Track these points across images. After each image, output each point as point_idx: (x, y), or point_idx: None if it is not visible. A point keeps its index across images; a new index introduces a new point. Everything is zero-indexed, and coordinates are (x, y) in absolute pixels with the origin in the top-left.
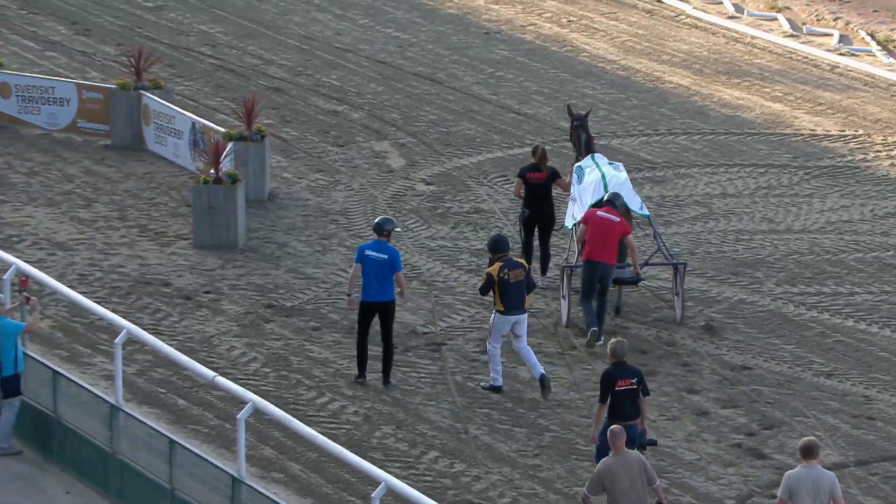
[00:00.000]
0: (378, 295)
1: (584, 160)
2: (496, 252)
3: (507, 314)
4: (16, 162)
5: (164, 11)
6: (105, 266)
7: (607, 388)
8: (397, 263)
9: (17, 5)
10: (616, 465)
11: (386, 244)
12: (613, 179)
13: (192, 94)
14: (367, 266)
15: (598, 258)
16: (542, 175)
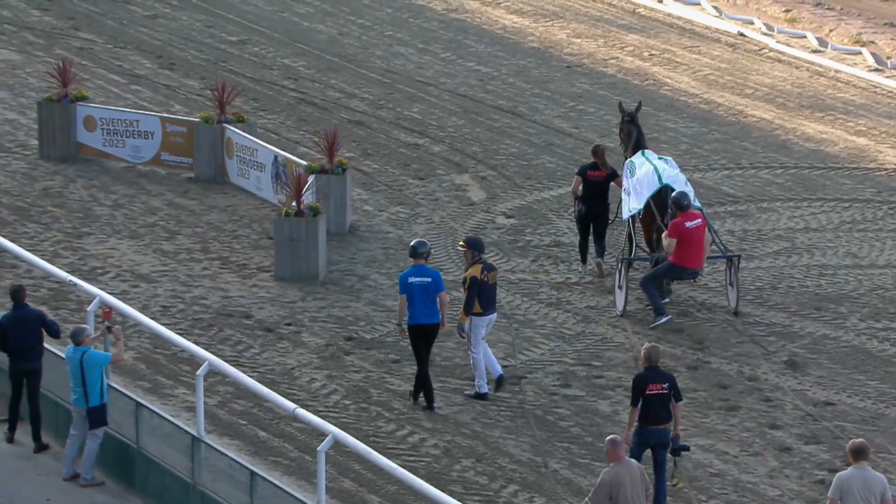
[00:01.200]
0: (426, 317)
1: (636, 156)
2: (479, 252)
3: (484, 315)
4: (100, 195)
5: (247, 45)
6: (187, 298)
7: (639, 392)
8: (441, 284)
9: (104, 39)
10: (621, 473)
11: (425, 267)
12: (666, 172)
13: (274, 128)
14: (414, 293)
15: (692, 265)
16: (602, 173)
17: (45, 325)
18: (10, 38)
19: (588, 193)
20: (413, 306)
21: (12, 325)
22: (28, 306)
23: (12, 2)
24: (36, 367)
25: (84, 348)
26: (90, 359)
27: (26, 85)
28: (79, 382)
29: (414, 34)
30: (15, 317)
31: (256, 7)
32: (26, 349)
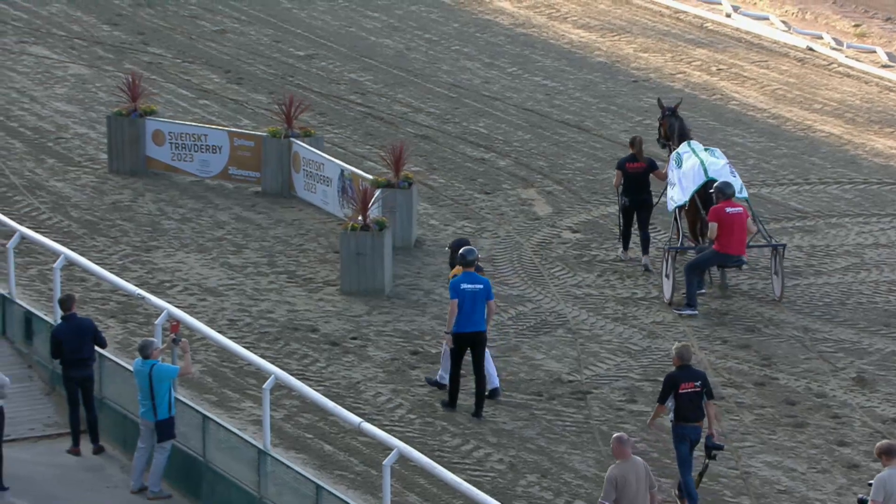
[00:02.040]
0: (473, 325)
1: (681, 146)
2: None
3: None
4: (168, 208)
5: (314, 60)
6: (254, 311)
7: (669, 390)
8: (490, 291)
9: (173, 54)
10: (627, 470)
11: (475, 274)
12: (713, 165)
13: (341, 142)
14: (465, 299)
15: (735, 251)
16: (640, 165)
17: (96, 336)
18: (80, 52)
19: (629, 185)
20: (460, 314)
21: (66, 336)
22: (78, 316)
23: (83, 17)
24: (90, 374)
25: (152, 361)
26: (158, 372)
27: (96, 99)
28: (147, 395)
29: (481, 49)
30: (68, 327)
31: (324, 22)
32: (81, 358)
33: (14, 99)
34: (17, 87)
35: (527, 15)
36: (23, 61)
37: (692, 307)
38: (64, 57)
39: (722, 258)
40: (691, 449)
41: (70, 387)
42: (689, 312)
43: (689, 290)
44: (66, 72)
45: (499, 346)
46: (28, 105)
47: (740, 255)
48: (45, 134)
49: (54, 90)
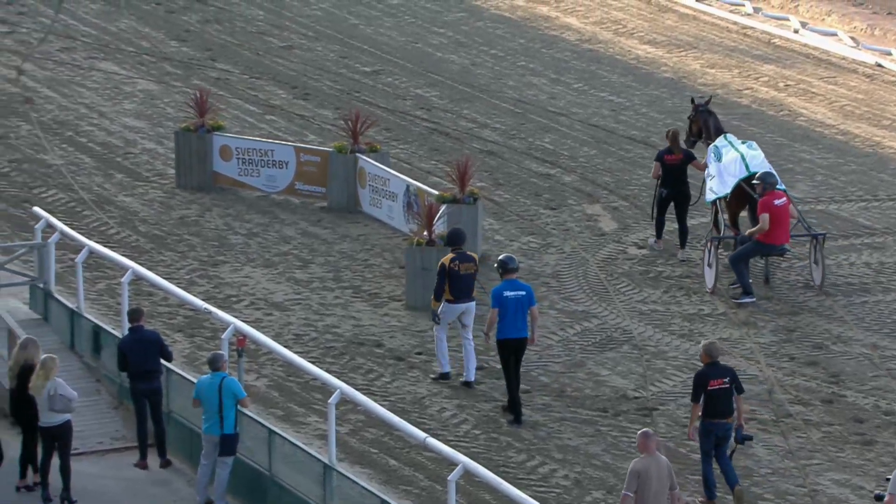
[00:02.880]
0: (516, 331)
1: (718, 139)
2: (453, 245)
3: (456, 302)
4: (235, 223)
5: (381, 76)
6: (320, 326)
7: (700, 388)
8: (533, 298)
9: (240, 70)
10: (650, 466)
11: (518, 281)
12: (753, 159)
13: (406, 157)
14: (508, 307)
15: (781, 241)
16: (677, 157)
17: (162, 349)
18: (148, 68)
19: (667, 177)
20: (504, 321)
21: (132, 348)
22: (145, 328)
23: (152, 33)
24: (157, 387)
25: (222, 374)
26: (229, 385)
27: (164, 115)
28: (215, 409)
29: (546, 64)
30: (134, 340)
31: (390, 38)
32: (148, 371)
33: (83, 114)
34: (87, 102)
35: (593, 31)
36: (92, 77)
37: (749, 294)
38: (133, 73)
39: (766, 249)
40: (716, 444)
41: (137, 400)
42: (747, 300)
43: (741, 280)
44: (134, 87)
45: (564, 361)
46: (97, 120)
47: (784, 245)
48: (113, 149)
49: (123, 106)
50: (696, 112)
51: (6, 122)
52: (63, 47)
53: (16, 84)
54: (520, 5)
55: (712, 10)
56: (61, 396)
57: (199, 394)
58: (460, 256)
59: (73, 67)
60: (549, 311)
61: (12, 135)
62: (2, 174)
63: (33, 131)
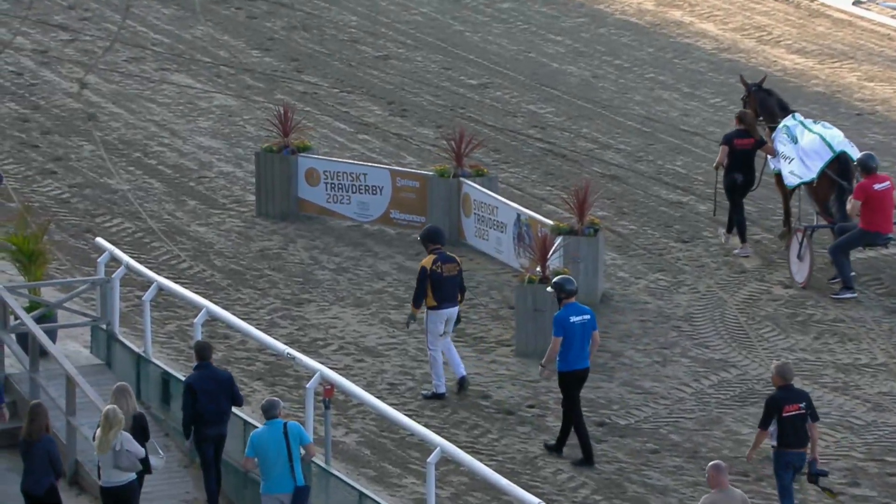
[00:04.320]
0: (583, 361)
1: (787, 119)
2: (432, 243)
3: (439, 308)
4: (322, 257)
5: (488, 90)
6: (418, 375)
7: (772, 414)
8: (595, 322)
9: (330, 83)
10: (722, 502)
11: (578, 304)
12: (835, 138)
13: (517, 182)
14: (575, 334)
15: (885, 230)
16: (750, 140)
17: (233, 392)
18: (227, 81)
19: (736, 163)
20: (571, 350)
21: (202, 387)
22: (214, 365)
23: (231, 41)
24: (225, 432)
25: (281, 420)
26: (294, 429)
27: (243, 134)
28: (284, 460)
29: (679, 76)
30: (204, 377)
31: (500, 47)
32: (220, 412)
33: (153, 133)
34: (157, 119)
35: (733, 38)
36: (163, 91)
37: (850, 289)
38: (209, 86)
39: (870, 237)
40: (794, 477)
41: (205, 448)
42: (848, 296)
43: (842, 274)
44: (210, 103)
45: (698, 417)
46: (168, 140)
47: (888, 233)
48: (186, 172)
49: (197, 123)
50: (749, 93)
51: (67, 142)
52: (131, 57)
53: (78, 99)
54: (649, 9)
55: (871, 14)
56: (128, 452)
57: (260, 449)
58: (442, 257)
59: (141, 80)
60: (681, 360)
61: (73, 156)
62: (61, 200)
63: (96, 152)
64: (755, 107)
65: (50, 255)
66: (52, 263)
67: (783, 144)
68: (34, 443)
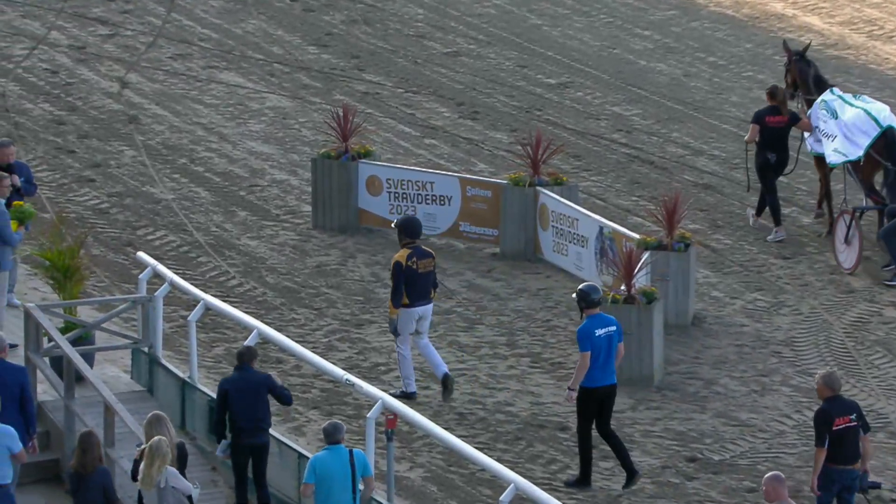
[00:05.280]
0: (608, 376)
1: (826, 94)
2: (408, 237)
3: (413, 306)
4: (385, 274)
5: (569, 90)
6: (489, 404)
7: (824, 429)
8: (621, 333)
9: (394, 82)
10: None
11: (604, 315)
12: (880, 112)
13: (600, 192)
14: (601, 348)
15: None
16: (783, 118)
17: (273, 391)
18: (281, 80)
19: (769, 141)
20: (595, 365)
21: (237, 389)
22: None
23: (285, 36)
24: (265, 441)
25: (345, 447)
26: (361, 458)
27: (298, 138)
28: (347, 488)
29: (780, 75)
30: (239, 380)
31: (581, 42)
32: (257, 419)
33: (200, 137)
34: (204, 122)
35: (840, 33)
36: (211, 91)
37: None
38: (261, 86)
39: None
40: (838, 495)
41: (241, 459)
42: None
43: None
44: (262, 104)
45: (800, 453)
46: (216, 145)
47: None
48: (236, 180)
49: (248, 126)
50: (790, 61)
51: (106, 147)
52: (176, 54)
53: (118, 99)
54: (746, 1)
55: None
56: (174, 490)
57: (322, 475)
58: (417, 252)
59: (187, 79)
60: (781, 389)
61: (113, 162)
62: (100, 211)
63: (138, 158)
64: (795, 77)
65: (87, 272)
66: (89, 280)
67: (823, 122)
68: (87, 476)
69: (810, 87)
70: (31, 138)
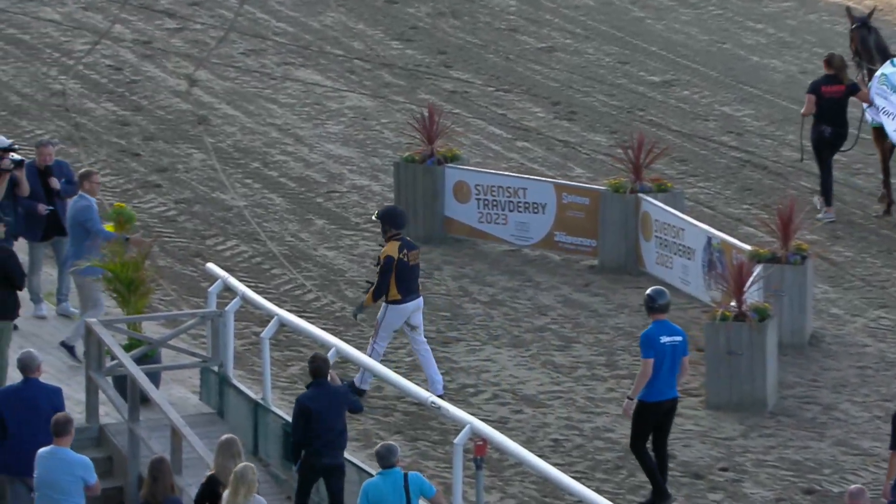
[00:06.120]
0: (671, 390)
1: (885, 66)
2: (395, 228)
3: (404, 302)
4: (473, 287)
5: (674, 88)
6: (587, 430)
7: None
8: (687, 344)
9: (483, 80)
10: None
11: (670, 322)
12: None
13: (708, 199)
14: (665, 357)
15: None
16: (840, 87)
17: (350, 405)
18: (361, 77)
19: (825, 114)
20: (657, 376)
21: (319, 405)
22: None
23: (366, 30)
24: (342, 462)
25: (400, 470)
26: (416, 481)
27: (380, 140)
28: None
29: None
30: (321, 395)
31: (688, 36)
32: (336, 437)
33: (274, 139)
34: (278, 123)
35: None
36: (286, 89)
37: None
38: (340, 84)
39: None
40: None
41: (313, 479)
42: None
43: None
44: (341, 103)
45: None
46: (292, 147)
47: None
48: (312, 186)
49: (326, 128)
50: (852, 28)
51: (173, 150)
52: (249, 49)
53: (186, 98)
54: None
55: None
56: None
57: (374, 502)
58: (406, 244)
59: (261, 77)
60: None
61: (181, 166)
62: (167, 218)
63: (207, 161)
64: (856, 45)
65: (153, 284)
66: (155, 294)
67: (883, 97)
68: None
69: (873, 55)
70: (92, 140)
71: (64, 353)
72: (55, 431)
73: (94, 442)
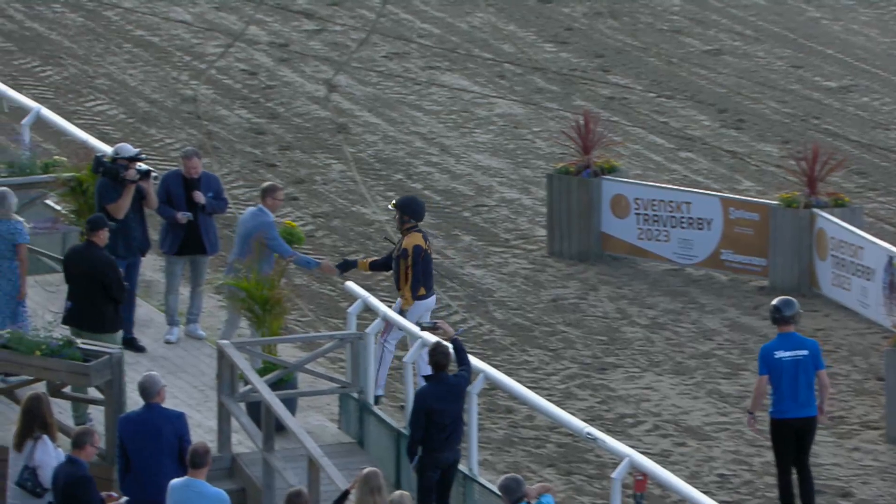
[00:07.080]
0: (800, 407)
1: None
2: (415, 218)
3: (428, 296)
4: (632, 309)
5: (851, 94)
6: (756, 464)
7: None
8: (820, 359)
9: (644, 85)
10: None
11: (796, 335)
12: None
13: (889, 215)
14: (783, 372)
15: None
16: None
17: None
18: (511, 83)
19: None
20: (781, 392)
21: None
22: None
23: (517, 31)
24: (459, 457)
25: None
26: None
27: (532, 150)
28: None
29: None
30: (440, 391)
31: (867, 38)
32: (455, 429)
33: (418, 149)
34: (423, 131)
35: None
36: (431, 95)
37: None
38: (489, 89)
39: None
40: None
41: (430, 477)
42: None
43: None
44: (491, 111)
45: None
46: (437, 158)
47: None
48: (459, 199)
49: (474, 137)
50: None
51: (311, 160)
52: (391, 53)
53: (325, 105)
54: None
55: None
56: None
57: None
58: (426, 236)
59: (404, 81)
60: None
61: (318, 178)
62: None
63: (347, 173)
64: None
65: (288, 304)
66: (291, 314)
67: None
68: None
69: None
70: (225, 149)
71: (193, 377)
72: (192, 463)
73: (227, 472)
